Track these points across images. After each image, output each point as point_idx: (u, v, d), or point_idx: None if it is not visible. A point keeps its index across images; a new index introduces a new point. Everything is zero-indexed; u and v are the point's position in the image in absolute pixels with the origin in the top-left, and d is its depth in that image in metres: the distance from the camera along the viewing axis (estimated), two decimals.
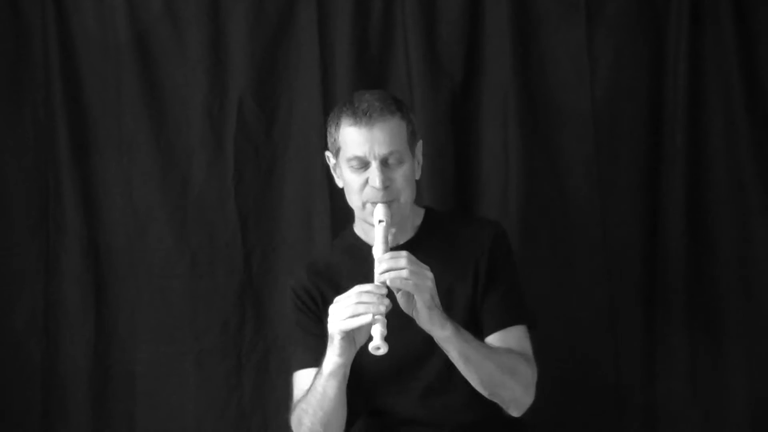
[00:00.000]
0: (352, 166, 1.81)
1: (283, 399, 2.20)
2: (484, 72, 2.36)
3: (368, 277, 1.69)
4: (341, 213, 2.29)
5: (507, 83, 2.33)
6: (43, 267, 2.30)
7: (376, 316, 1.61)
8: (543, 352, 2.32)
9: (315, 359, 1.80)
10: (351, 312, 1.63)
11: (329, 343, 1.70)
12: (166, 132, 2.32)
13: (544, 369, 2.32)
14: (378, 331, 1.60)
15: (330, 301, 1.76)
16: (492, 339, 1.84)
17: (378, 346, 1.59)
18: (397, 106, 1.83)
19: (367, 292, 1.63)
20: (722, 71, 2.34)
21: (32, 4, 2.30)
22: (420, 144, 1.91)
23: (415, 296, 1.65)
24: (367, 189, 1.80)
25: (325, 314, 1.73)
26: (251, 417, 2.31)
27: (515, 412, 1.82)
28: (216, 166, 2.32)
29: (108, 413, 2.30)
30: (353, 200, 1.85)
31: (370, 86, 2.31)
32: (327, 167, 1.97)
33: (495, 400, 1.79)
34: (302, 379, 1.86)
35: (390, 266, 1.64)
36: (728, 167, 2.35)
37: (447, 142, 2.33)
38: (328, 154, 1.92)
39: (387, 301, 1.63)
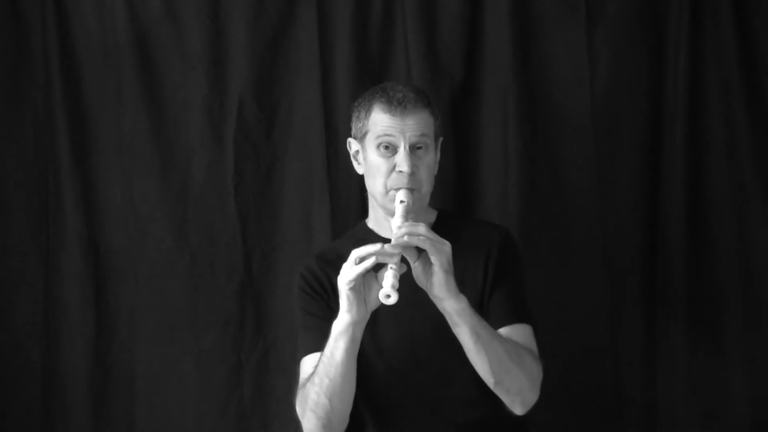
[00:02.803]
0: (380, 150, 1.83)
1: (283, 399, 2.21)
2: (484, 72, 2.36)
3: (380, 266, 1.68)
4: (341, 213, 2.30)
5: (507, 83, 2.34)
6: (43, 267, 2.30)
7: (391, 266, 1.60)
8: (543, 352, 2.33)
9: (322, 344, 1.78)
10: (358, 260, 1.63)
11: (340, 302, 1.68)
12: (166, 132, 2.32)
13: (544, 369, 2.33)
14: (389, 281, 1.59)
15: None
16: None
17: (388, 293, 1.58)
18: (428, 100, 1.87)
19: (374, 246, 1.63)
20: (722, 71, 2.34)
21: (32, 4, 2.29)
22: (440, 141, 1.94)
23: (432, 260, 1.65)
24: (394, 175, 1.82)
25: (335, 302, 1.75)
26: (251, 417, 2.31)
27: (519, 409, 1.79)
28: (216, 166, 2.32)
29: (108, 413, 2.29)
30: (376, 185, 1.85)
31: (370, 86, 2.32)
32: (327, 167, 1.97)
33: (500, 392, 1.76)
34: (308, 363, 1.83)
35: (409, 229, 1.65)
36: (728, 167, 2.35)
37: (447, 142, 2.33)
38: (350, 140, 1.94)
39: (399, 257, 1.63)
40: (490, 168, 2.35)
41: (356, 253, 1.64)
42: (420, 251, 1.68)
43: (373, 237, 1.92)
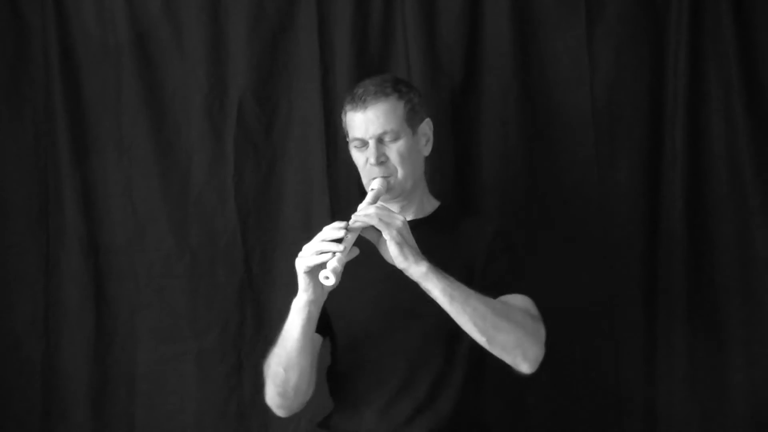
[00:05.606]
0: (355, 146, 1.95)
1: None
2: (484, 72, 2.36)
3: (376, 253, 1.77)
4: (341, 213, 2.30)
5: (507, 83, 2.34)
6: (43, 267, 2.30)
7: (336, 254, 1.69)
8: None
9: None
10: (314, 250, 1.73)
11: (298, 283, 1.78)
12: (166, 132, 2.33)
13: (544, 369, 2.33)
14: (332, 264, 1.68)
15: None
16: None
17: (327, 275, 1.68)
18: (393, 87, 1.94)
19: (332, 230, 1.74)
20: (722, 71, 2.34)
21: (32, 5, 2.30)
22: (427, 121, 2.00)
23: (384, 234, 1.73)
24: (368, 166, 1.92)
25: None
26: (251, 417, 2.31)
27: (525, 365, 1.79)
28: (216, 166, 2.32)
29: (108, 413, 2.30)
30: (363, 178, 1.96)
31: None
32: (327, 167, 2.00)
33: (498, 352, 1.77)
34: None
35: (361, 212, 1.75)
36: (728, 167, 2.35)
37: (447, 142, 2.33)
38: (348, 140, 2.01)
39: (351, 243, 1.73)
40: (490, 168, 2.35)
41: (320, 237, 1.73)
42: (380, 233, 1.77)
43: None
